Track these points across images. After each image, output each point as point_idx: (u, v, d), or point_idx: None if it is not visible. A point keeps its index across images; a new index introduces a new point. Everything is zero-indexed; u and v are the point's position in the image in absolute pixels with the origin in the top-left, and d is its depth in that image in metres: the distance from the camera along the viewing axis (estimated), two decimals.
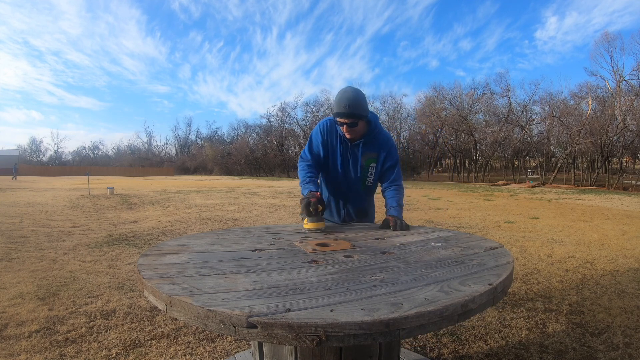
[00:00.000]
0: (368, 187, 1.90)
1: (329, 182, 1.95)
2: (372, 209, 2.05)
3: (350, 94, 1.66)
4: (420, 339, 2.12)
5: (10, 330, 2.12)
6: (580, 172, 29.90)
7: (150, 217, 7.19)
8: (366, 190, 1.92)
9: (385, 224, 1.70)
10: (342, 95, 1.66)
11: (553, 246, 4.58)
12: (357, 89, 1.70)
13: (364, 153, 1.82)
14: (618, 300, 2.71)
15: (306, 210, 1.62)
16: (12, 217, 6.72)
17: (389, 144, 1.86)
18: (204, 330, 2.15)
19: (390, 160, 1.87)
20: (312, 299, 0.82)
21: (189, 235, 1.55)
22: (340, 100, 1.65)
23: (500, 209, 9.17)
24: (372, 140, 1.82)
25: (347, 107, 1.64)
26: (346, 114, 1.65)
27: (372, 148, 1.83)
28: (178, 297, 0.81)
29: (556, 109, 31.06)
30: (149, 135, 75.33)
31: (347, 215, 1.97)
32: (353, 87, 1.69)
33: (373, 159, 1.85)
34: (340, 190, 1.92)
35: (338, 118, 1.69)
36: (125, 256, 3.95)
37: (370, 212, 2.03)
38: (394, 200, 1.83)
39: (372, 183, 1.90)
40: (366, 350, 1.10)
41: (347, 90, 1.67)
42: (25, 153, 69.91)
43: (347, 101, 1.64)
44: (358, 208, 1.96)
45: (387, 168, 1.87)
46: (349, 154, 1.83)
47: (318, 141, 1.85)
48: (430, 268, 1.07)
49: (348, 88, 1.68)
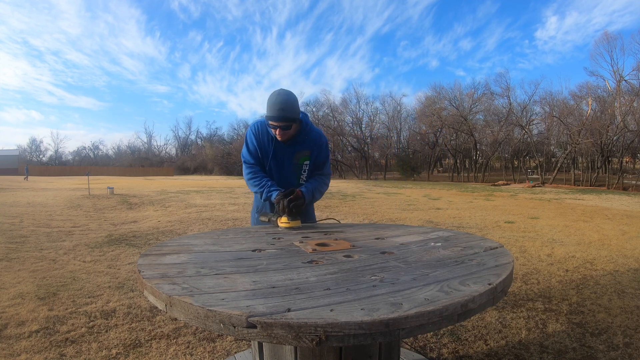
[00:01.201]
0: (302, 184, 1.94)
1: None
2: (311, 208, 2.07)
3: (283, 97, 1.67)
4: (420, 339, 2.12)
5: (10, 330, 2.12)
6: (580, 172, 29.89)
7: (150, 217, 7.19)
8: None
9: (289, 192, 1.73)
10: (275, 99, 1.67)
11: (553, 246, 4.58)
12: (290, 92, 1.72)
13: (297, 152, 1.86)
14: (618, 300, 2.71)
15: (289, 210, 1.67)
16: (12, 217, 6.72)
17: (320, 141, 1.90)
18: (204, 330, 2.15)
19: (321, 157, 1.93)
20: (312, 299, 0.82)
21: (189, 235, 1.55)
22: (273, 105, 1.66)
23: (500, 209, 9.17)
24: (304, 138, 1.85)
25: (280, 110, 1.66)
26: (279, 117, 1.67)
27: (305, 146, 1.87)
28: (178, 297, 0.81)
29: (556, 109, 31.06)
30: (149, 135, 75.41)
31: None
32: (286, 90, 1.71)
33: (306, 157, 1.89)
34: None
35: (271, 121, 1.70)
36: (125, 256, 3.95)
37: (310, 210, 2.05)
38: (311, 185, 1.87)
39: (305, 181, 1.94)
40: (366, 350, 1.10)
41: (280, 93, 1.68)
42: (25, 153, 69.91)
43: (280, 105, 1.66)
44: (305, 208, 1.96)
45: (317, 163, 1.93)
46: (282, 154, 1.87)
47: (254, 144, 1.87)
48: (430, 268, 1.07)
49: (281, 91, 1.70)
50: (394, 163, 43.93)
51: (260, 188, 1.82)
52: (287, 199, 1.68)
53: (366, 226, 1.82)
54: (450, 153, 42.33)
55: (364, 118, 46.24)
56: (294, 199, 1.70)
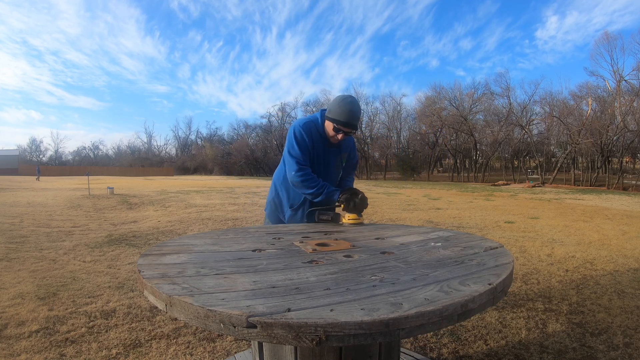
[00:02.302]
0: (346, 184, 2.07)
1: None
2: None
3: (357, 107, 1.75)
4: (420, 339, 2.12)
5: (10, 330, 2.12)
6: (580, 172, 29.91)
7: (150, 217, 7.19)
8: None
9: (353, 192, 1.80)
10: (351, 107, 1.72)
11: (553, 246, 4.58)
12: (357, 100, 1.79)
13: (341, 153, 1.96)
14: (618, 300, 2.71)
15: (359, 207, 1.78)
16: (12, 217, 6.72)
17: (354, 144, 2.03)
18: (204, 330, 2.15)
19: (354, 158, 2.05)
20: (312, 298, 0.82)
21: (189, 235, 1.55)
22: (349, 112, 1.72)
23: (500, 209, 9.17)
24: (345, 141, 1.92)
25: (355, 119, 1.74)
26: (352, 125, 1.75)
27: (344, 148, 1.96)
28: (178, 297, 0.81)
29: (556, 109, 31.08)
30: (148, 135, 75.38)
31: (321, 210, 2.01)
32: (355, 98, 1.78)
33: (345, 158, 2.00)
34: None
35: (340, 126, 1.75)
36: (125, 256, 3.95)
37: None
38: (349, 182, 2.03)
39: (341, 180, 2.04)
40: (366, 350, 1.10)
41: (353, 102, 1.74)
42: (25, 153, 69.94)
43: (355, 114, 1.73)
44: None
45: (350, 165, 2.03)
46: (328, 155, 1.91)
47: (307, 143, 1.85)
48: (430, 268, 1.07)
49: (354, 100, 1.76)
50: (394, 163, 43.94)
51: (319, 189, 1.81)
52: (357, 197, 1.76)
53: (366, 226, 1.82)
54: (450, 153, 42.35)
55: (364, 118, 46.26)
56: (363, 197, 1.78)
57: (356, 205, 1.77)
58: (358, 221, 1.79)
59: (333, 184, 1.95)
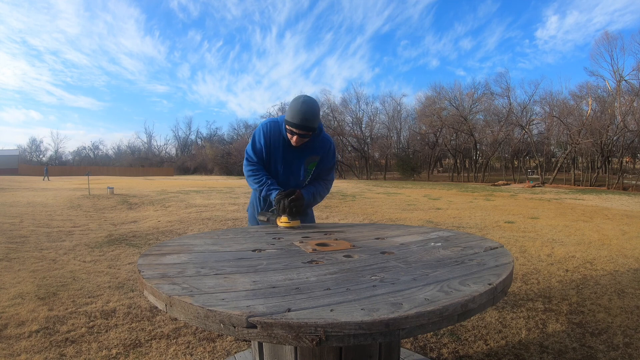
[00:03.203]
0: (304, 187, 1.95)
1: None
2: (310, 209, 2.07)
3: (309, 107, 1.65)
4: (420, 339, 2.12)
5: (10, 330, 2.12)
6: (580, 172, 29.89)
7: (150, 217, 7.19)
8: None
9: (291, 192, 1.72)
10: (301, 107, 1.64)
11: (553, 246, 4.58)
12: (315, 101, 1.69)
13: (307, 157, 1.85)
14: (618, 300, 2.71)
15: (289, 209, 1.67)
16: (12, 217, 6.72)
17: (329, 147, 1.90)
18: (204, 330, 2.15)
19: (328, 163, 1.92)
20: (312, 299, 0.82)
21: (189, 235, 1.55)
22: (298, 112, 1.64)
23: (500, 209, 9.17)
24: (315, 144, 1.84)
25: (304, 120, 1.64)
26: (302, 127, 1.66)
27: (314, 152, 1.86)
28: (178, 297, 0.81)
29: (556, 109, 31.06)
30: (148, 135, 75.34)
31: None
32: (311, 99, 1.68)
33: (315, 162, 1.89)
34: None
35: (292, 127, 1.68)
36: (125, 256, 3.95)
37: (309, 212, 2.05)
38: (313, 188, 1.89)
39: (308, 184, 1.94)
40: (366, 350, 1.10)
41: (305, 101, 1.66)
42: (25, 153, 69.93)
43: (305, 114, 1.64)
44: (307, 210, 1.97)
45: (323, 169, 1.93)
46: (291, 158, 1.85)
47: (262, 143, 1.85)
48: (430, 268, 1.07)
49: (307, 99, 1.67)
50: (394, 163, 43.94)
51: (260, 186, 1.82)
52: (288, 199, 1.68)
53: (366, 226, 1.82)
54: (450, 153, 42.34)
55: (364, 118, 46.26)
56: (295, 199, 1.70)
57: (285, 208, 1.67)
58: (289, 225, 1.67)
59: (298, 187, 1.88)
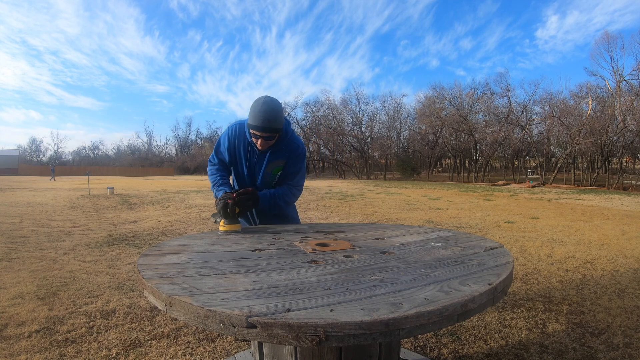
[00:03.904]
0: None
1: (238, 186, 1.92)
2: (292, 212, 2.01)
3: (269, 107, 1.57)
4: (420, 339, 2.12)
5: (10, 330, 2.12)
6: (580, 172, 29.90)
7: (150, 217, 7.19)
8: None
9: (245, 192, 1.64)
10: (261, 108, 1.56)
11: (553, 246, 4.58)
12: (276, 101, 1.61)
13: (271, 161, 1.78)
14: (618, 300, 2.71)
15: (223, 212, 1.57)
16: (12, 217, 6.72)
17: (297, 152, 1.80)
18: (204, 330, 2.15)
19: (292, 167, 1.82)
20: (312, 299, 0.82)
21: (188, 235, 1.55)
22: (258, 114, 1.56)
23: (500, 209, 9.17)
24: (282, 147, 1.76)
25: (265, 121, 1.56)
26: (263, 128, 1.57)
27: (280, 156, 1.78)
28: (178, 297, 0.81)
29: (556, 109, 31.06)
30: (148, 135, 75.36)
31: (263, 221, 1.93)
32: (271, 99, 1.60)
33: (280, 167, 1.81)
34: None
35: (254, 131, 1.61)
36: (125, 256, 3.95)
37: (291, 215, 2.00)
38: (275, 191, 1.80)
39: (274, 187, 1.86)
40: (366, 350, 1.10)
41: (265, 102, 1.58)
42: (25, 153, 69.95)
43: (265, 115, 1.56)
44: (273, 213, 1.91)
45: (287, 174, 1.83)
46: (256, 161, 1.79)
47: (225, 146, 1.82)
48: (430, 268, 1.07)
49: (267, 99, 1.59)
50: (394, 163, 43.95)
51: (213, 186, 1.79)
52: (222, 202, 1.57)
53: (366, 226, 1.82)
54: (450, 153, 42.34)
55: (364, 118, 46.31)
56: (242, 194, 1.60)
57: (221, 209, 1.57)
58: (225, 228, 1.57)
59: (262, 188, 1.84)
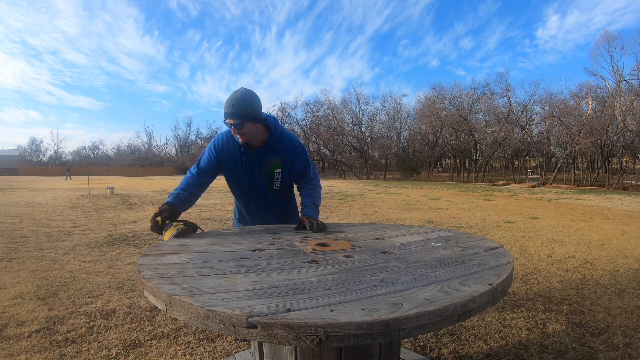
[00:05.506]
0: (277, 191, 1.87)
1: (236, 192, 1.93)
2: (293, 212, 2.02)
3: (237, 94, 1.61)
4: (420, 339, 2.12)
5: (10, 330, 2.12)
6: (580, 172, 29.91)
7: (150, 217, 7.19)
8: (276, 195, 1.88)
9: (301, 225, 1.67)
10: (231, 95, 1.62)
11: (553, 246, 4.58)
12: (249, 90, 1.65)
13: (267, 159, 1.78)
14: (618, 300, 2.71)
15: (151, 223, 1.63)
16: (12, 217, 6.72)
17: (293, 148, 1.81)
18: (204, 330, 2.15)
19: (299, 165, 1.83)
20: (312, 299, 0.82)
21: (189, 235, 1.55)
22: (226, 101, 1.61)
23: (500, 209, 9.17)
24: (274, 145, 1.76)
25: (231, 107, 1.59)
26: (231, 114, 1.60)
27: (275, 154, 1.78)
28: (178, 297, 0.81)
29: (556, 109, 31.09)
30: (148, 135, 75.28)
31: (266, 221, 1.94)
32: (244, 88, 1.65)
33: (277, 165, 1.80)
34: (249, 198, 1.90)
35: (226, 119, 1.64)
36: (125, 256, 3.95)
37: (291, 214, 2.01)
38: (309, 200, 1.81)
39: (280, 187, 1.86)
40: (366, 350, 1.10)
41: (237, 90, 1.63)
42: (25, 153, 69.93)
43: (233, 100, 1.60)
44: (274, 213, 1.93)
45: (297, 173, 1.85)
46: (251, 163, 1.79)
47: (211, 156, 1.81)
48: (431, 268, 1.07)
49: (239, 89, 1.64)
50: (394, 163, 43.97)
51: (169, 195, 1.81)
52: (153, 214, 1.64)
53: (366, 226, 1.81)
54: (450, 153, 42.36)
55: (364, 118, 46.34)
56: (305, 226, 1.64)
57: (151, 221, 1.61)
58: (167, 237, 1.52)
59: (260, 194, 1.84)
